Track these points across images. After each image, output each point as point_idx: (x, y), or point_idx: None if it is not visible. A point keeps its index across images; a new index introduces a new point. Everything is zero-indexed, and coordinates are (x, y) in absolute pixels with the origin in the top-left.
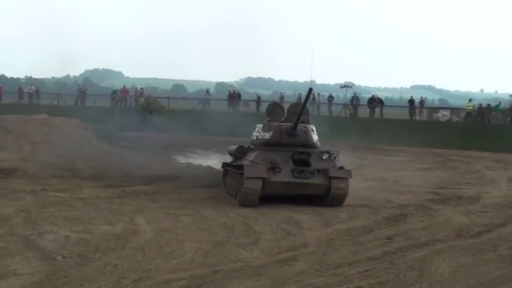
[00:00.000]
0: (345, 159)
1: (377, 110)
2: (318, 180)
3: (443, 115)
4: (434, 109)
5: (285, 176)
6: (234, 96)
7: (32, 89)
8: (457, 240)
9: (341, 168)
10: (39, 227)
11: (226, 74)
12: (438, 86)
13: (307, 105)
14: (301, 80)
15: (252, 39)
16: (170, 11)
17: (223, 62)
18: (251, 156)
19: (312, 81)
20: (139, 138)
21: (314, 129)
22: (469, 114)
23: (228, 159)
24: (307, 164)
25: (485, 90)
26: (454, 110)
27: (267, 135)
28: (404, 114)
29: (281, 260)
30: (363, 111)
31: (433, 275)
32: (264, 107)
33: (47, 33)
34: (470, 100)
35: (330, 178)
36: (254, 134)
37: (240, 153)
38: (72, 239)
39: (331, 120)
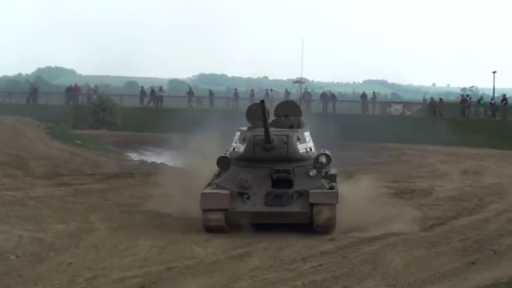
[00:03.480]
0: None
1: (330, 105)
2: (297, 207)
3: (395, 109)
4: (387, 103)
5: (255, 203)
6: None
7: None
8: (410, 234)
9: (331, 188)
10: None
11: (179, 71)
12: (390, 80)
13: (299, 102)
14: (254, 76)
15: (204, 37)
16: (122, 8)
17: (176, 58)
18: (223, 175)
19: (265, 77)
20: (93, 135)
21: (306, 135)
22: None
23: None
24: (289, 184)
25: (437, 84)
26: (407, 104)
27: (242, 148)
28: (357, 109)
29: (235, 256)
30: (316, 107)
31: (387, 268)
32: (217, 103)
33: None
34: (481, 98)
35: (311, 205)
36: (232, 143)
37: (222, 165)
38: (26, 238)
39: None
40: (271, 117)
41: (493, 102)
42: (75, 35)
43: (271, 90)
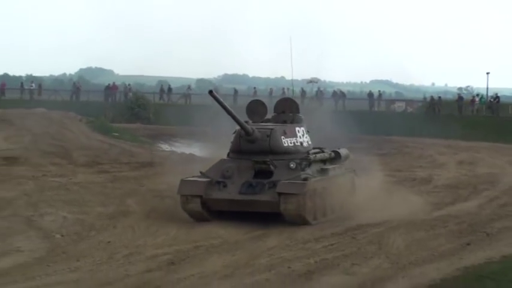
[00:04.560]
0: None
1: (340, 102)
2: (267, 196)
3: (399, 106)
4: (391, 101)
5: (230, 192)
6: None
7: (32, 86)
8: (411, 217)
9: (305, 179)
10: (40, 209)
11: (206, 71)
12: (394, 80)
13: (298, 100)
14: (272, 76)
15: (228, 39)
16: (155, 14)
17: (203, 60)
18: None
19: (282, 77)
20: (129, 129)
21: (298, 130)
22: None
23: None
24: (270, 174)
25: (436, 84)
26: (409, 101)
27: (232, 141)
28: (365, 106)
29: (255, 236)
30: (328, 104)
31: (390, 248)
32: (240, 100)
33: (45, 33)
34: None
35: (279, 194)
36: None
37: None
38: (70, 219)
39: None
40: (270, 114)
41: (492, 100)
42: (113, 39)
43: (288, 89)
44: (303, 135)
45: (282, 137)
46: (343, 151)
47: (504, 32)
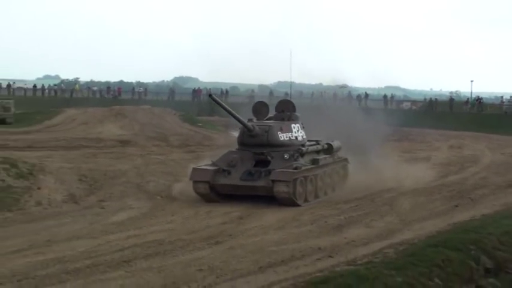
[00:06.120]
0: None
1: (362, 103)
2: (262, 182)
3: (406, 105)
4: (400, 102)
5: (233, 178)
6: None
7: (140, 89)
8: (415, 186)
9: (295, 168)
10: (146, 178)
11: (265, 79)
12: (402, 86)
13: (293, 100)
14: (312, 82)
15: (280, 54)
16: (227, 37)
17: (263, 70)
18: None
19: (320, 84)
20: (209, 120)
21: (293, 126)
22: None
23: None
24: (268, 164)
25: (433, 89)
26: (413, 102)
27: (238, 135)
28: (381, 105)
29: None
30: (353, 103)
31: (399, 209)
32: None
33: (150, 51)
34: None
35: (272, 181)
36: None
37: None
38: (167, 185)
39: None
40: (272, 113)
41: (476, 101)
42: (197, 54)
43: (325, 92)
44: (298, 130)
45: (279, 132)
46: (335, 143)
47: (484, 51)
